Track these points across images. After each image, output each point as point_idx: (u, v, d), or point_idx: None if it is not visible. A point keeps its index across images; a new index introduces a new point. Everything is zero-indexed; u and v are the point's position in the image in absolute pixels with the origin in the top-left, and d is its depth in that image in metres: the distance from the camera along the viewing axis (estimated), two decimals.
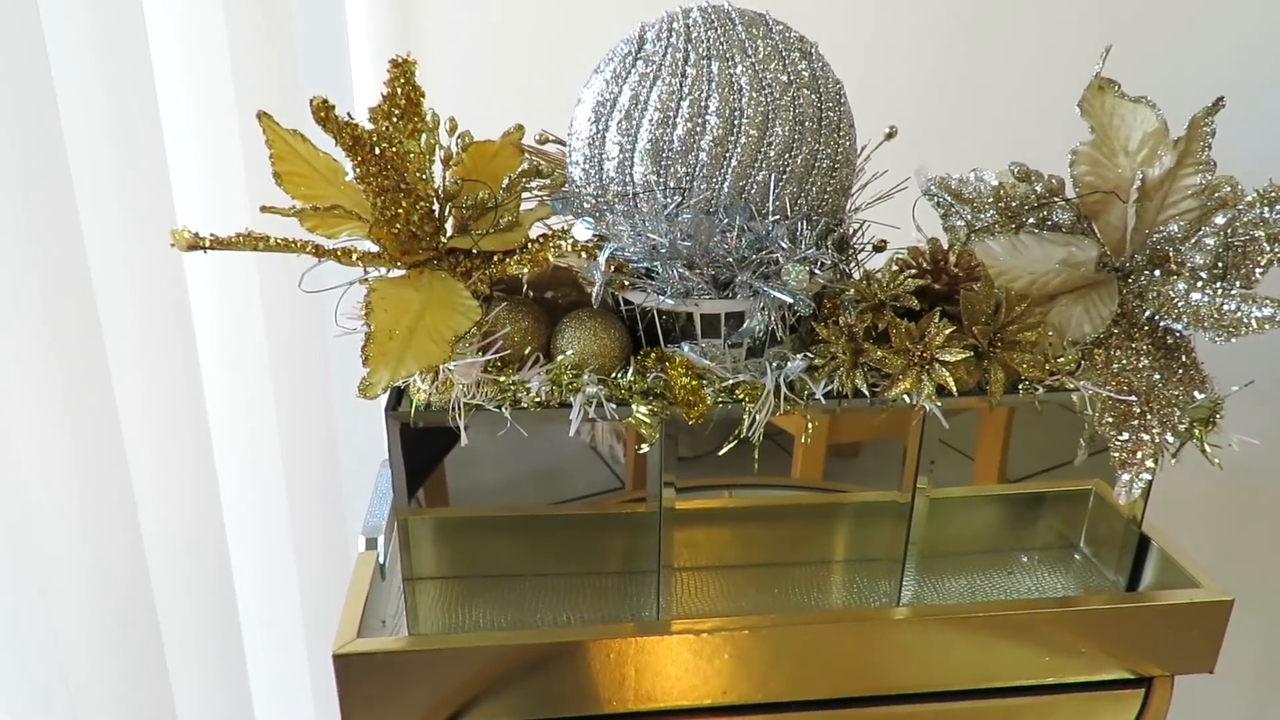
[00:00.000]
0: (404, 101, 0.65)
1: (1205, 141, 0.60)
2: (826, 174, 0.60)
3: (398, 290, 0.57)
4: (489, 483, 0.64)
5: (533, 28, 0.94)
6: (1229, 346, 0.65)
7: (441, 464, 0.63)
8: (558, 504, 0.65)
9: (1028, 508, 0.74)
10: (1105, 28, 0.93)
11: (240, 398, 0.96)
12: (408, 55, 0.64)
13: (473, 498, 0.64)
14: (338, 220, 0.63)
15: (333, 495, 1.05)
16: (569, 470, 0.64)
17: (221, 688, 1.02)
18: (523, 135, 0.70)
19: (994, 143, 0.74)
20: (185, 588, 0.96)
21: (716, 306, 0.57)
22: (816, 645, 0.61)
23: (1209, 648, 0.64)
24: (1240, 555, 1.11)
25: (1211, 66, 0.93)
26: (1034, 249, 0.64)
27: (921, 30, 0.94)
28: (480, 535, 0.67)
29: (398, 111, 0.65)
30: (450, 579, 0.68)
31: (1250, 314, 0.59)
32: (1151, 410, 0.62)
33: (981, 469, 0.69)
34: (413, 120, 0.65)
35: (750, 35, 0.58)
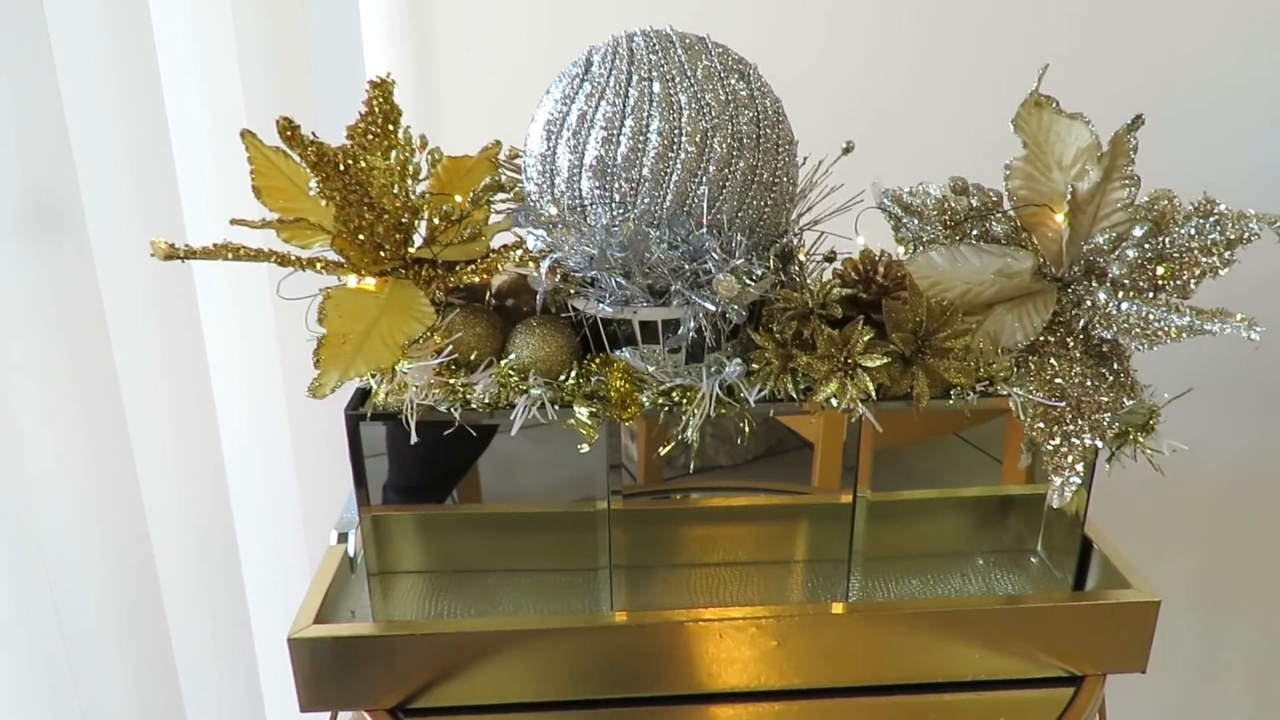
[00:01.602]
0: (381, 119, 0.69)
1: (1129, 156, 0.62)
2: (765, 188, 0.63)
3: (355, 298, 0.61)
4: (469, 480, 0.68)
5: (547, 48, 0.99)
6: (1179, 353, 0.67)
7: (407, 460, 0.67)
8: (517, 500, 0.68)
9: (990, 512, 0.76)
10: (1062, 49, 0.95)
11: (251, 399, 1.01)
12: (388, 75, 0.69)
13: (435, 497, 0.68)
14: (306, 231, 0.67)
15: (343, 494, 1.09)
16: (531, 473, 0.67)
17: (231, 686, 1.06)
18: (499, 151, 0.74)
19: (954, 156, 0.76)
20: (195, 588, 1.00)
21: (653, 314, 0.60)
22: (761, 638, 0.64)
23: (1140, 647, 0.65)
24: (1217, 561, 1.12)
25: (1144, 86, 0.95)
26: (971, 260, 0.67)
27: (882, 44, 0.96)
28: (446, 531, 0.71)
29: (375, 129, 0.69)
30: (421, 573, 0.72)
31: (1170, 322, 0.61)
32: (1083, 415, 0.64)
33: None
34: (387, 137, 0.69)
35: (690, 57, 0.62)
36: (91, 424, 0.89)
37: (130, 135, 0.88)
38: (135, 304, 0.91)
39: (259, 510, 1.03)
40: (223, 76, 0.92)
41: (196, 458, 0.98)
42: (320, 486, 1.06)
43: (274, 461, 1.03)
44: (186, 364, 0.96)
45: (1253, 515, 1.12)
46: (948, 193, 0.70)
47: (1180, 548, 1.13)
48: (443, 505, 0.69)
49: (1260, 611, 1.16)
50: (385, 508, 0.67)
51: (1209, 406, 0.93)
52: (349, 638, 0.61)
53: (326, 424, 1.06)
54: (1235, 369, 1.00)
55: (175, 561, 0.96)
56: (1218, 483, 1.09)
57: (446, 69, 0.99)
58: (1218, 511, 1.12)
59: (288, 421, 1.02)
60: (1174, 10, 0.95)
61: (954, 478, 0.72)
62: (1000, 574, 0.74)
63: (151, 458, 0.94)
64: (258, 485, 1.03)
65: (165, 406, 0.94)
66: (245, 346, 1.00)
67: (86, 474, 0.88)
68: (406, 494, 0.67)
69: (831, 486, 0.68)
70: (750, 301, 0.61)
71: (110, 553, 0.91)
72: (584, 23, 0.96)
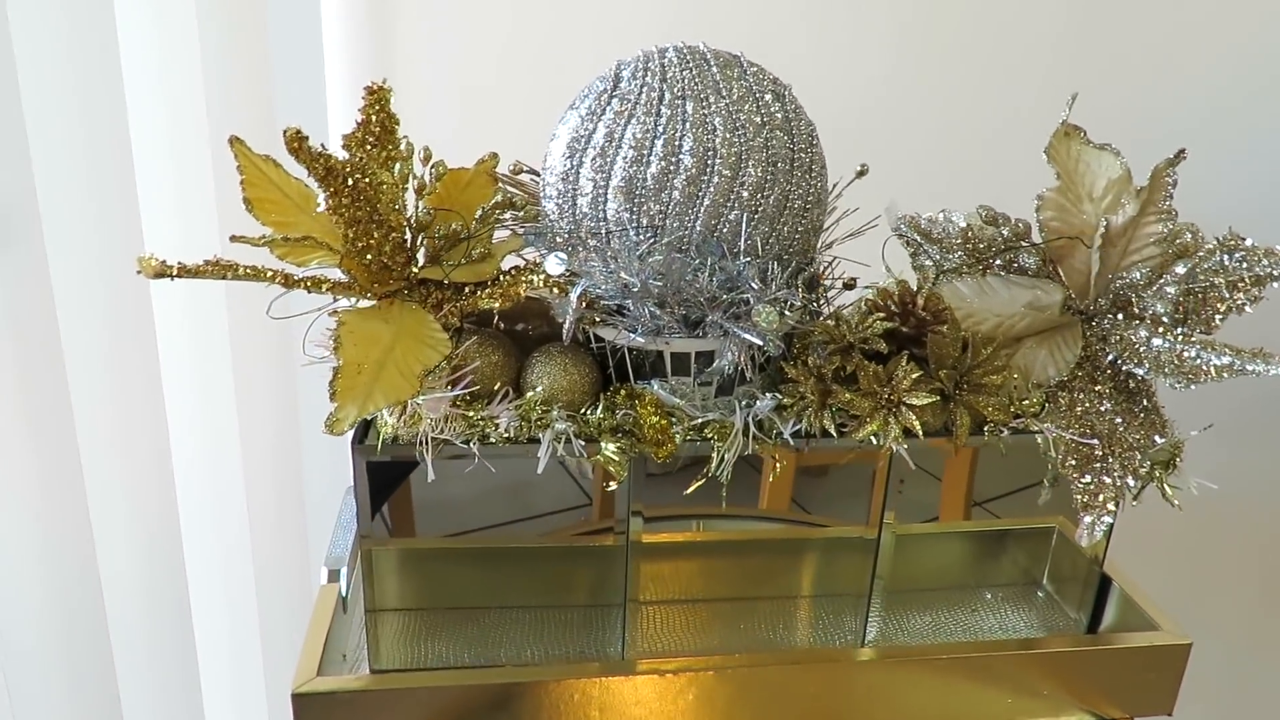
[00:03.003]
0: (378, 129, 0.65)
1: (1167, 191, 0.62)
2: (798, 214, 0.61)
3: (367, 323, 0.56)
4: (455, 513, 0.64)
5: (510, 55, 0.95)
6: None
7: (408, 496, 0.62)
8: (524, 529, 0.64)
9: (992, 544, 0.74)
10: (1076, 73, 0.95)
11: (204, 424, 0.95)
12: (383, 82, 0.64)
13: (438, 528, 0.64)
14: (308, 249, 0.62)
15: (295, 524, 1.04)
16: (538, 492, 0.63)
17: (169, 699, 0.99)
18: (497, 164, 0.70)
19: (965, 183, 0.75)
20: (141, 619, 0.94)
21: (686, 345, 0.57)
22: (782, 686, 0.61)
23: (1168, 688, 0.64)
24: (1195, 591, 1.13)
25: (1177, 115, 0.95)
26: (1000, 291, 0.65)
27: (896, 69, 0.95)
28: (444, 567, 0.66)
29: (372, 139, 0.65)
30: (413, 611, 0.67)
31: (1209, 361, 0.60)
32: (1113, 454, 0.63)
33: (948, 504, 0.69)
34: (386, 148, 0.65)
35: (725, 76, 0.59)
36: (39, 434, 0.83)
37: (89, 141, 0.82)
38: (88, 313, 0.85)
39: (206, 521, 0.97)
40: (185, 82, 0.86)
41: (145, 468, 0.92)
42: (269, 497, 1.00)
43: (223, 472, 0.97)
44: (139, 376, 0.90)
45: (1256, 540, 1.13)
46: (974, 221, 0.68)
47: (1188, 580, 1.12)
48: (445, 539, 0.64)
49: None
50: (387, 542, 0.62)
51: (1227, 441, 0.92)
52: (359, 691, 0.56)
53: (283, 450, 1.00)
54: (1249, 404, 1.00)
55: (120, 572, 0.90)
56: (1227, 514, 1.09)
57: (409, 74, 0.95)
58: (1228, 543, 1.12)
59: (238, 436, 0.96)
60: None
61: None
62: (1011, 609, 0.73)
63: (99, 468, 0.88)
64: (206, 496, 0.97)
65: (114, 417, 0.88)
66: (198, 359, 0.94)
67: (32, 485, 0.82)
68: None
69: (783, 512, 0.65)
70: (784, 334, 0.58)
71: (53, 562, 0.85)
72: (549, 27, 0.92)
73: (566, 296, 0.57)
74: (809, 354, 0.58)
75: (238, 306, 0.91)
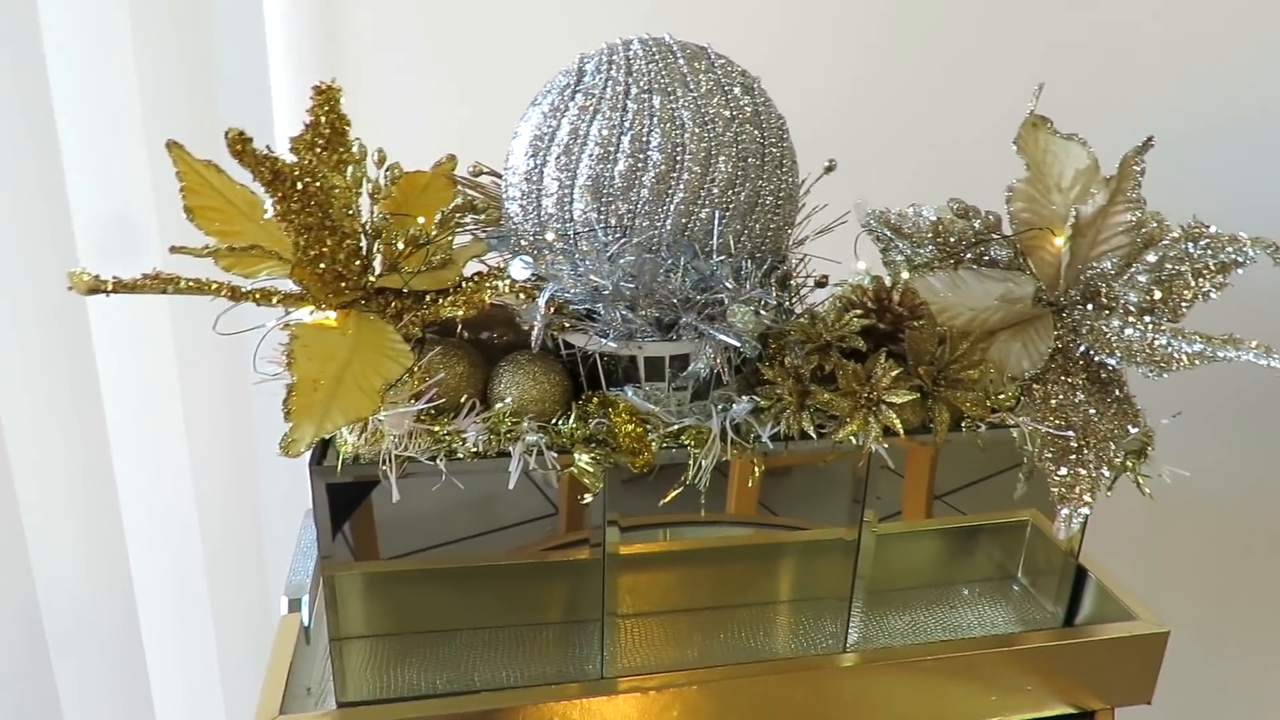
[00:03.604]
0: (329, 130, 0.62)
1: (1135, 180, 0.61)
2: (770, 211, 0.59)
3: (323, 336, 0.53)
4: (421, 532, 0.61)
5: (464, 50, 0.91)
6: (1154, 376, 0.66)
7: (370, 517, 0.59)
8: (493, 544, 0.62)
9: (966, 540, 0.74)
10: (1043, 64, 0.95)
11: (152, 448, 0.90)
12: (332, 81, 0.61)
13: (404, 549, 0.61)
14: (255, 259, 0.59)
15: (253, 552, 0.99)
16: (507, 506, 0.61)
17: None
18: (455, 167, 0.67)
19: (933, 177, 0.74)
20: (90, 657, 0.89)
21: (661, 349, 0.55)
22: (768, 696, 0.59)
23: (1147, 678, 0.64)
24: (1165, 578, 1.14)
25: (1144, 105, 0.96)
26: (973, 285, 0.64)
27: (862, 62, 0.94)
28: (411, 589, 0.63)
29: (321, 141, 0.61)
30: (380, 637, 0.64)
31: (1181, 349, 0.60)
32: (1088, 445, 0.63)
33: (911, 501, 0.68)
34: (337, 151, 0.62)
35: (692, 69, 0.57)
36: None
37: (12, 146, 0.77)
38: (17, 333, 0.80)
39: (157, 552, 0.92)
40: (118, 82, 0.82)
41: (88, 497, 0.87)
42: (223, 525, 0.96)
43: (174, 500, 0.92)
44: (77, 400, 0.85)
45: (1222, 531, 1.14)
46: (944, 215, 0.67)
47: (1155, 567, 1.13)
48: (411, 560, 0.61)
49: (1252, 633, 1.18)
50: (351, 566, 0.59)
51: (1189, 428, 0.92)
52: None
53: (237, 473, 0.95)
54: (1210, 391, 1.00)
55: (61, 607, 0.85)
56: (1191, 500, 1.10)
57: (359, 72, 0.91)
58: (1191, 529, 1.13)
59: (189, 462, 0.91)
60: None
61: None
62: (988, 605, 0.72)
63: (38, 499, 0.82)
64: (156, 526, 0.92)
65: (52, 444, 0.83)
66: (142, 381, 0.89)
67: None
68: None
69: (756, 516, 0.64)
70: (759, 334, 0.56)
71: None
72: (505, 22, 0.89)
73: (534, 302, 0.55)
74: (785, 354, 0.57)
75: (182, 323, 0.86)
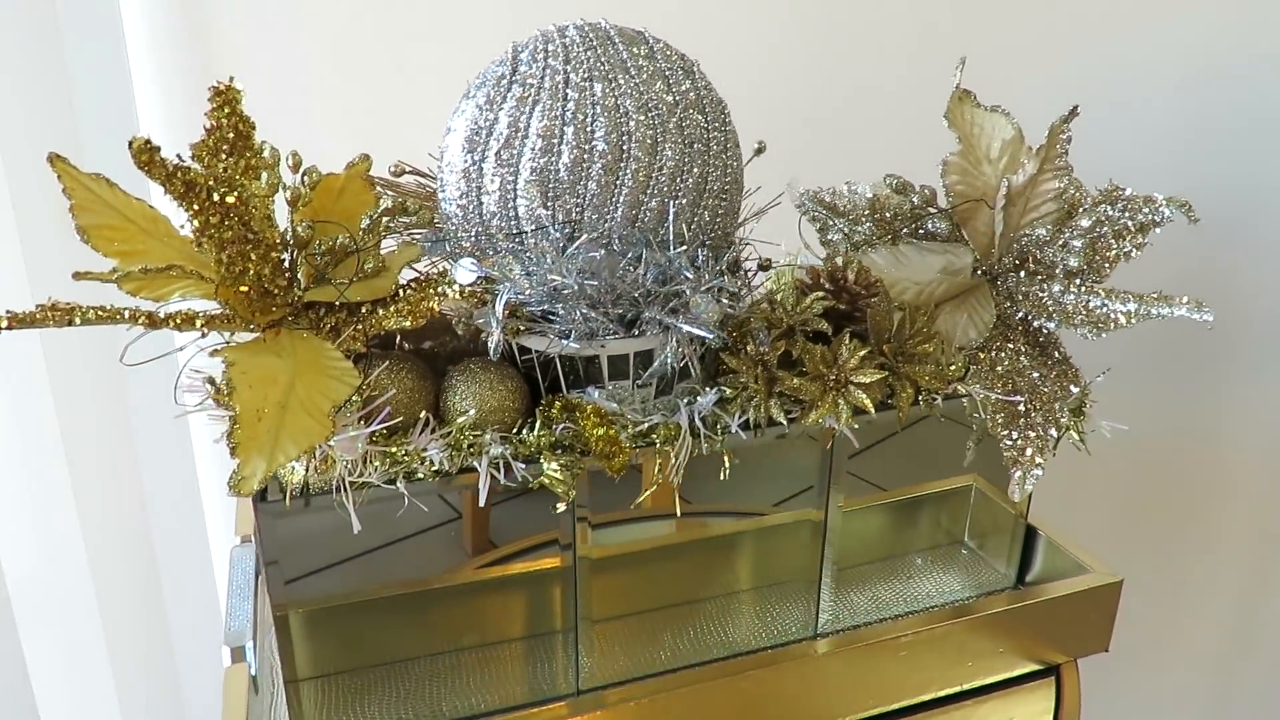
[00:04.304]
0: (232, 135, 0.56)
1: (1062, 147, 0.63)
2: (717, 197, 0.58)
3: (259, 360, 0.49)
4: (374, 560, 0.57)
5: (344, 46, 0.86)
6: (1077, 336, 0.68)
7: (321, 548, 0.54)
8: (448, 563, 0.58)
9: (911, 511, 0.75)
10: (969, 36, 0.96)
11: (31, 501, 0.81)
12: (231, 81, 0.56)
13: (358, 579, 0.56)
14: (165, 281, 0.53)
15: (157, 617, 0.90)
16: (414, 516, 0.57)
17: None
18: (370, 167, 0.63)
19: (859, 153, 0.74)
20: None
21: (625, 346, 0.53)
22: (754, 690, 0.58)
23: (1104, 627, 0.67)
24: (1103, 529, 1.18)
25: (1070, 74, 0.98)
26: (915, 259, 0.65)
27: (787, 42, 0.93)
28: (361, 620, 0.59)
29: (226, 147, 0.56)
30: (331, 676, 0.59)
31: (1117, 309, 0.62)
32: (1035, 408, 0.64)
33: None
34: (245, 156, 0.56)
35: (632, 55, 0.55)
36: None
37: None
38: None
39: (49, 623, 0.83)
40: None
41: None
42: (128, 601, 0.87)
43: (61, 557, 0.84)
44: None
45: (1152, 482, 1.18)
46: (880, 191, 0.67)
47: (1092, 519, 1.16)
48: (365, 590, 0.57)
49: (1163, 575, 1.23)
50: (304, 604, 0.54)
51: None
52: None
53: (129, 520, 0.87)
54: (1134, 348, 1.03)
55: None
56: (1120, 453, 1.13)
57: (233, 68, 0.85)
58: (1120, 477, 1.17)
59: (79, 526, 0.82)
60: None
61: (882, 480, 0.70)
62: (941, 572, 0.73)
63: None
64: (47, 608, 0.83)
65: None
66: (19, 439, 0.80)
67: None
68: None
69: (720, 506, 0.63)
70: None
71: None
72: (378, 12, 0.85)
73: (486, 306, 0.51)
74: (749, 342, 0.55)
75: (57, 362, 0.78)
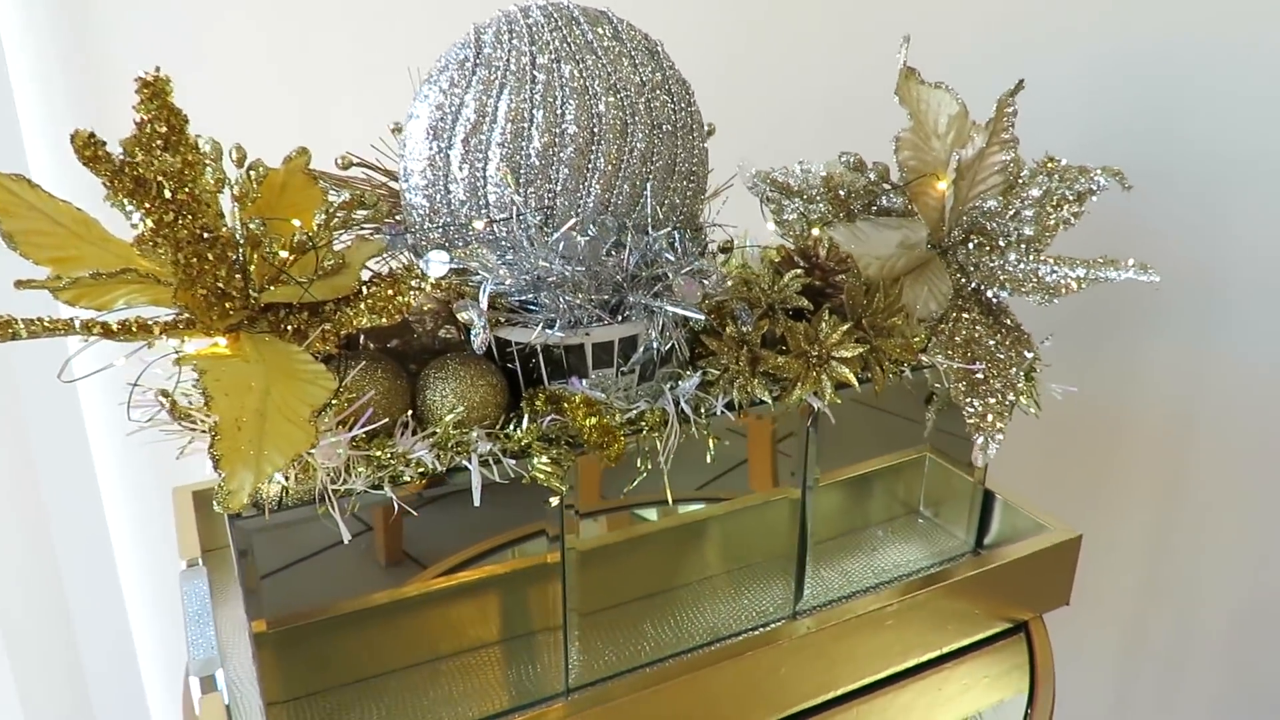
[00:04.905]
0: (165, 129, 0.52)
1: (1009, 120, 0.65)
2: (685, 178, 0.57)
3: (230, 367, 0.45)
4: (349, 570, 0.54)
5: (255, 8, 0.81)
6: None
7: (296, 563, 0.51)
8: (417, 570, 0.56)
9: (869, 485, 0.76)
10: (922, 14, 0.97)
11: None
12: (157, 71, 0.52)
13: (335, 592, 0.53)
14: (107, 287, 0.49)
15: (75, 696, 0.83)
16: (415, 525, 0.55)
17: None
18: (309, 160, 0.60)
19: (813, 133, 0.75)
20: None
21: (610, 333, 0.52)
22: (741, 675, 0.58)
23: (1065, 582, 0.69)
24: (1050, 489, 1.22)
25: (1021, 52, 0.99)
26: (872, 235, 0.66)
27: (738, 21, 0.92)
28: (341, 634, 0.56)
29: (160, 143, 0.52)
30: (311, 696, 0.56)
31: (1067, 275, 0.64)
32: (994, 374, 0.66)
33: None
34: (180, 151, 0.53)
35: (597, 35, 0.54)
36: None
37: None
38: None
39: None
40: None
41: None
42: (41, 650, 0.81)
43: None
44: None
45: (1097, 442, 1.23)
46: (834, 169, 0.68)
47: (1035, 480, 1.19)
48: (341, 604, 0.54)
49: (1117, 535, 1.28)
50: (283, 622, 0.51)
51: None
52: None
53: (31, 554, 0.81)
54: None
55: None
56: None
57: (112, 51, 0.80)
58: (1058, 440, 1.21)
59: None
60: None
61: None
62: (903, 543, 0.75)
63: None
64: None
65: None
66: None
67: None
68: None
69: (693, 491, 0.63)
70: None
71: None
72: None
73: (464, 299, 0.49)
74: (727, 323, 0.55)
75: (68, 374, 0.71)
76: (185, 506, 0.71)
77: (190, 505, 0.71)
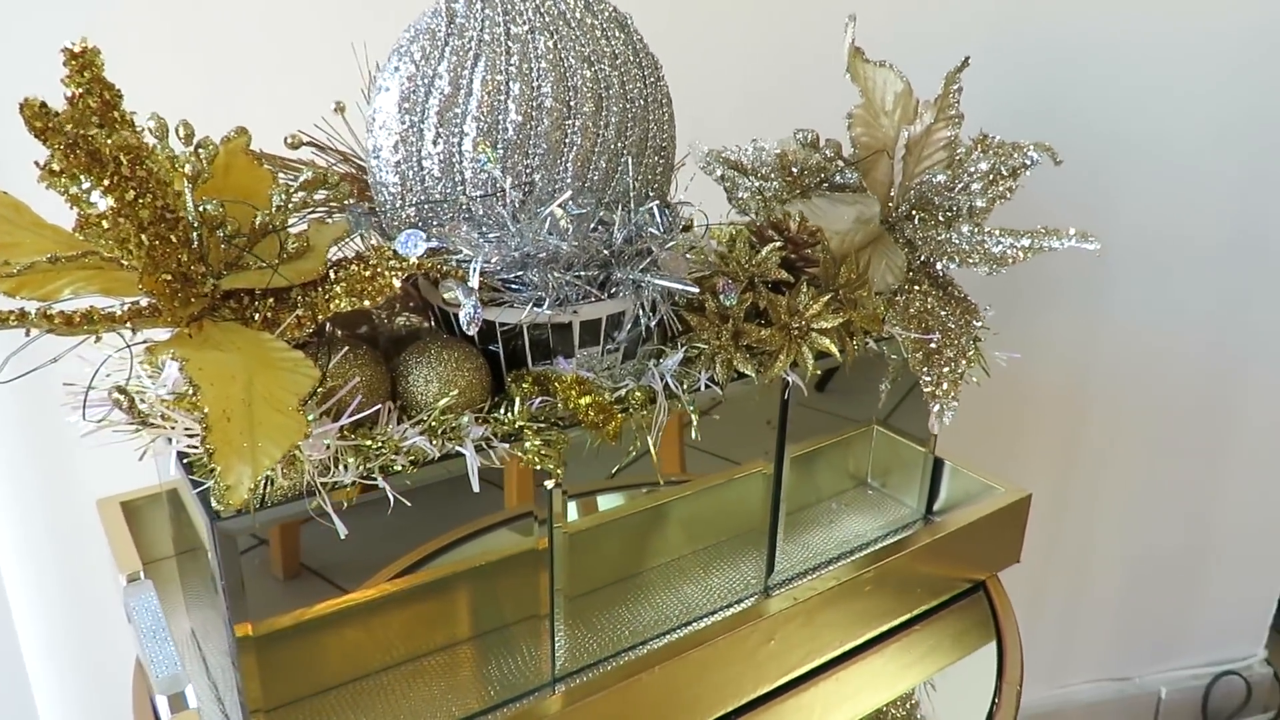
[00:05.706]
0: (98, 104, 0.48)
1: (955, 97, 0.67)
2: (657, 152, 0.56)
3: (209, 356, 0.42)
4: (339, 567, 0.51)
5: None
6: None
7: (276, 561, 0.48)
8: None
9: (819, 459, 0.77)
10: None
11: None
12: (84, 42, 0.48)
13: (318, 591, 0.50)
14: (53, 275, 0.45)
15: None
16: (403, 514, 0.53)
17: None
18: (249, 140, 0.56)
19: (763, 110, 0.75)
20: None
21: (599, 310, 0.51)
22: (727, 651, 0.58)
23: (1016, 540, 0.72)
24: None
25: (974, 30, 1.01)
26: (828, 210, 0.67)
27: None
28: (323, 634, 0.53)
29: (95, 119, 0.48)
30: (295, 704, 0.53)
31: (1013, 246, 0.67)
32: (947, 344, 0.68)
33: None
34: (115, 129, 0.48)
35: (569, 6, 0.52)
36: None
37: None
38: None
39: None
40: None
41: None
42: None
43: None
44: None
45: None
46: (788, 147, 0.69)
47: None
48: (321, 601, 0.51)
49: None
50: (260, 625, 0.48)
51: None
52: None
53: None
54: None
55: None
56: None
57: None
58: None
59: None
60: None
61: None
62: (856, 515, 0.77)
63: None
64: None
65: None
66: None
67: None
68: None
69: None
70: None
71: None
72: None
73: (457, 280, 0.47)
74: (708, 298, 0.55)
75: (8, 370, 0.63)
76: (115, 519, 0.65)
77: (120, 517, 0.66)
